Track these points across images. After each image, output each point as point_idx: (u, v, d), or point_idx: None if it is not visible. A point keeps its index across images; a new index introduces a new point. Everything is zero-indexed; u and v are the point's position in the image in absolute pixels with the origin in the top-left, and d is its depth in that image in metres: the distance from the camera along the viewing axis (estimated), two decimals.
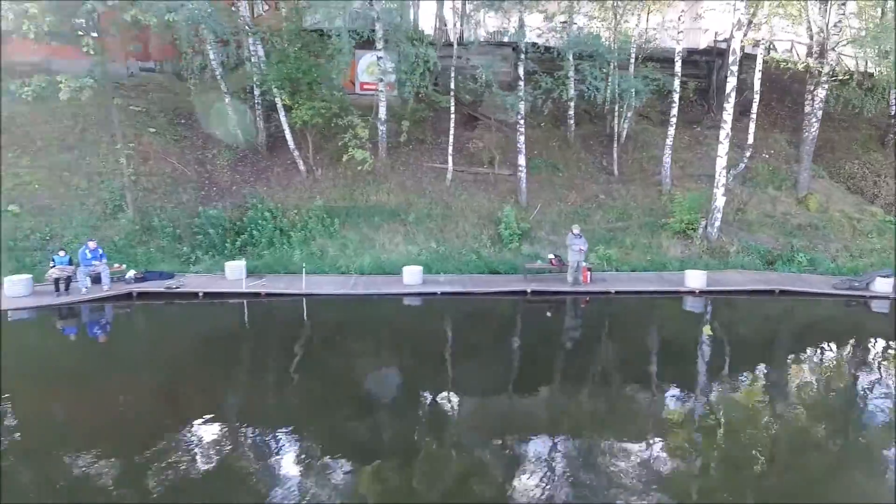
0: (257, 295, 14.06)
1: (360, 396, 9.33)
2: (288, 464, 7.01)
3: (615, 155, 20.16)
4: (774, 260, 17.40)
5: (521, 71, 18.36)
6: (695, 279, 14.94)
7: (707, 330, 13.23)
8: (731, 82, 16.73)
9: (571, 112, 21.06)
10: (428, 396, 9.21)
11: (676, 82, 19.01)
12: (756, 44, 20.40)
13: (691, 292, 14.88)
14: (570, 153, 21.16)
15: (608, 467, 6.96)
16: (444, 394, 9.32)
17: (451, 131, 19.10)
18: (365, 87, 22.44)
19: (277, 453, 7.26)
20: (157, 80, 23.34)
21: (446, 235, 18.12)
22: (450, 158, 19.47)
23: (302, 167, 19.59)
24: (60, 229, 16.31)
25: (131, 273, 14.48)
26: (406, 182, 19.70)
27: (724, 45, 22.42)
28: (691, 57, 22.65)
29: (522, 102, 18.31)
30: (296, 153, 19.42)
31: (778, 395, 9.44)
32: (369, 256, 16.98)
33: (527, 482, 6.61)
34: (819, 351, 11.93)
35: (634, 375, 10.21)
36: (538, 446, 7.56)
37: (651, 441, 7.64)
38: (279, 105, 18.67)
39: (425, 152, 20.58)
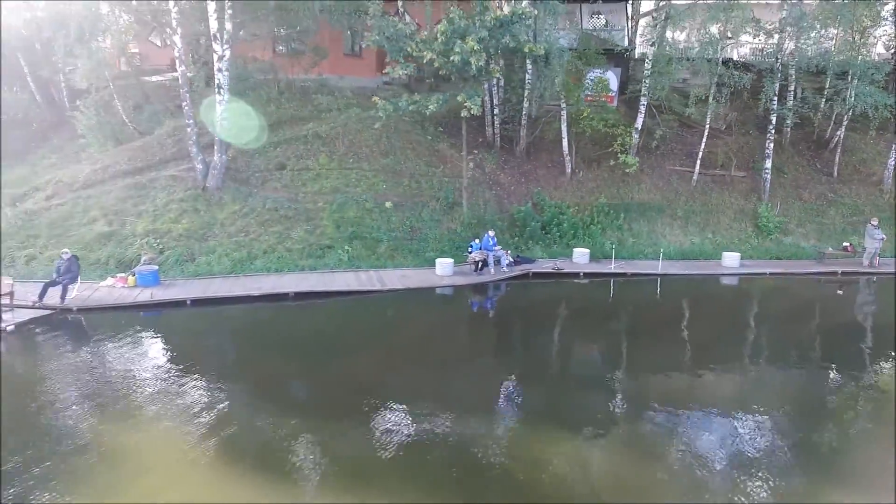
0: (624, 274, 17.27)
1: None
2: None
3: (837, 158, 23.36)
4: None
5: (775, 87, 21.57)
6: None
7: None
8: None
9: (790, 121, 24.22)
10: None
11: None
12: None
13: None
14: (784, 157, 24.33)
15: None
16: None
17: (704, 139, 22.30)
18: (588, 99, 25.66)
19: None
20: (394, 90, 26.46)
21: (713, 227, 21.35)
22: (698, 162, 22.68)
23: (568, 169, 22.77)
24: (416, 221, 19.48)
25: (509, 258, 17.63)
26: (658, 183, 22.88)
27: None
28: None
29: (774, 114, 21.52)
30: (567, 157, 22.59)
31: None
32: (662, 245, 20.17)
33: None
34: None
35: None
36: None
37: None
38: (563, 116, 21.82)
39: (668, 156, 23.78)
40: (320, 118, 22.37)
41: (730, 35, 20.99)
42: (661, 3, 21.04)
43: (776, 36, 21.52)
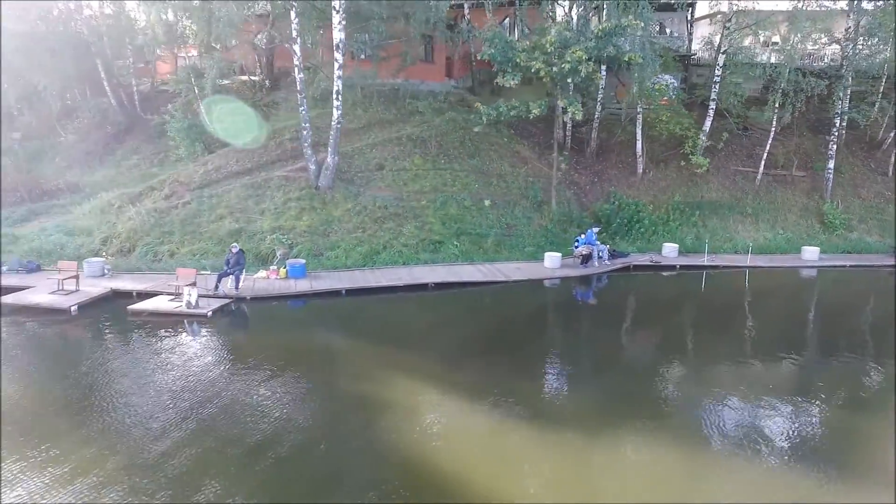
0: (716, 267, 18.62)
1: None
2: None
3: (893, 158, 24.74)
4: None
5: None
6: None
7: None
8: None
9: (841, 122, 25.58)
10: None
11: None
12: None
13: None
14: (840, 157, 25.56)
15: None
16: None
17: (770, 141, 23.67)
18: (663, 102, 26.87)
19: None
20: (457, 95, 27.76)
21: (781, 224, 22.72)
22: (762, 163, 24.04)
23: (639, 169, 24.10)
24: (510, 219, 20.76)
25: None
26: (724, 182, 24.24)
27: None
28: None
29: (839, 117, 22.90)
30: (639, 158, 23.91)
31: None
32: (737, 241, 21.50)
33: None
34: None
35: None
36: None
37: None
38: (639, 119, 23.12)
39: (731, 157, 25.14)
40: (407, 121, 23.63)
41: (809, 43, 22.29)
42: (732, 10, 22.33)
43: (843, 44, 22.92)
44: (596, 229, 18.45)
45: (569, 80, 18.07)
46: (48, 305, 12.67)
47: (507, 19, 30.92)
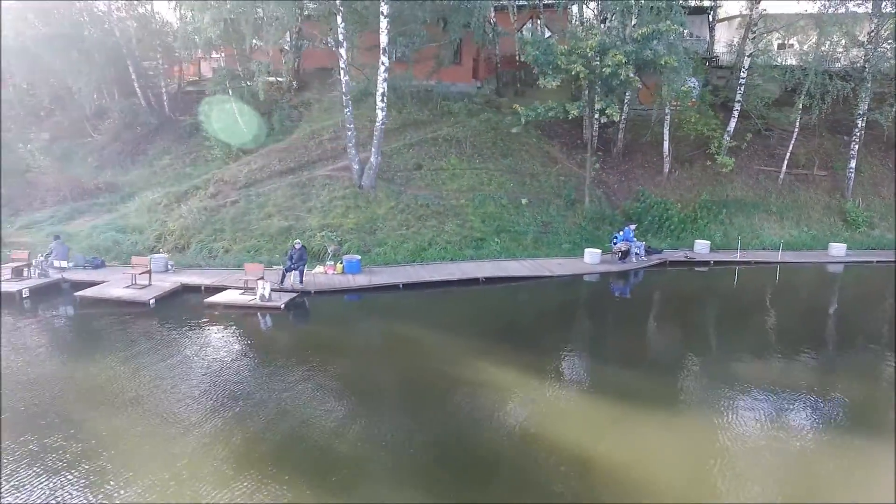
0: (748, 262, 19.31)
1: None
2: None
3: None
4: None
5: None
6: None
7: None
8: None
9: (862, 123, 26.27)
10: None
11: None
12: None
13: None
14: (859, 157, 26.27)
15: None
16: None
17: (793, 140, 24.35)
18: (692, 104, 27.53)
19: None
20: (485, 96, 28.37)
21: (805, 221, 23.42)
22: (784, 162, 24.73)
23: (666, 168, 24.76)
24: (545, 217, 21.38)
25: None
26: (748, 181, 24.90)
27: None
28: None
29: (861, 118, 23.60)
30: (666, 158, 24.56)
31: None
32: (764, 238, 22.17)
33: None
34: None
35: None
36: None
37: None
38: (666, 120, 23.78)
39: (754, 157, 25.82)
40: (440, 121, 24.24)
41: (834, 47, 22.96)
42: (756, 15, 23.02)
43: (867, 47, 23.59)
44: (633, 227, 19.09)
45: (611, 83, 18.69)
46: (128, 299, 13.25)
47: (530, 22, 31.62)
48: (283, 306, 13.29)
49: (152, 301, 13.25)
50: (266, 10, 21.36)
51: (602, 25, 21.00)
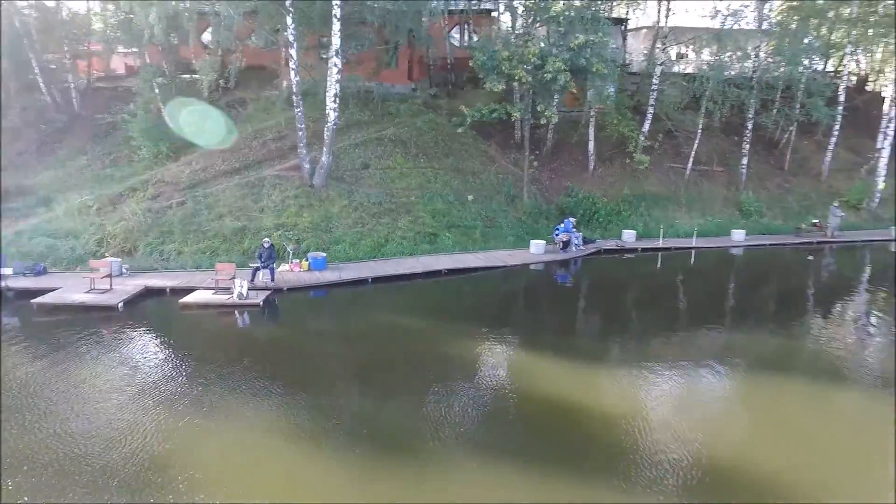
0: (668, 248, 21.87)
1: None
2: None
3: (788, 155, 29.70)
4: None
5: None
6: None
7: None
8: None
9: (751, 125, 30.12)
10: None
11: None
12: None
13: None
14: (749, 154, 30.41)
15: None
16: None
17: (697, 140, 27.57)
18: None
19: None
20: (420, 97, 29.39)
21: (708, 212, 26.64)
22: (690, 160, 27.92)
23: (591, 166, 27.09)
24: (489, 212, 22.71)
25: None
26: (661, 177, 27.84)
27: None
28: None
29: (750, 121, 27.24)
30: (591, 156, 26.86)
31: None
32: (676, 227, 25.01)
33: None
34: None
35: None
36: None
37: None
38: (592, 121, 26.03)
39: (664, 156, 28.84)
40: (382, 122, 24.82)
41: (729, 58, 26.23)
42: (666, 28, 25.87)
43: (754, 59, 27.25)
44: (573, 219, 20.89)
45: (550, 87, 20.31)
46: (94, 303, 12.71)
47: (457, 26, 32.99)
48: (261, 303, 13.40)
49: (121, 305, 12.83)
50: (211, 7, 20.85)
51: (540, 33, 22.59)
